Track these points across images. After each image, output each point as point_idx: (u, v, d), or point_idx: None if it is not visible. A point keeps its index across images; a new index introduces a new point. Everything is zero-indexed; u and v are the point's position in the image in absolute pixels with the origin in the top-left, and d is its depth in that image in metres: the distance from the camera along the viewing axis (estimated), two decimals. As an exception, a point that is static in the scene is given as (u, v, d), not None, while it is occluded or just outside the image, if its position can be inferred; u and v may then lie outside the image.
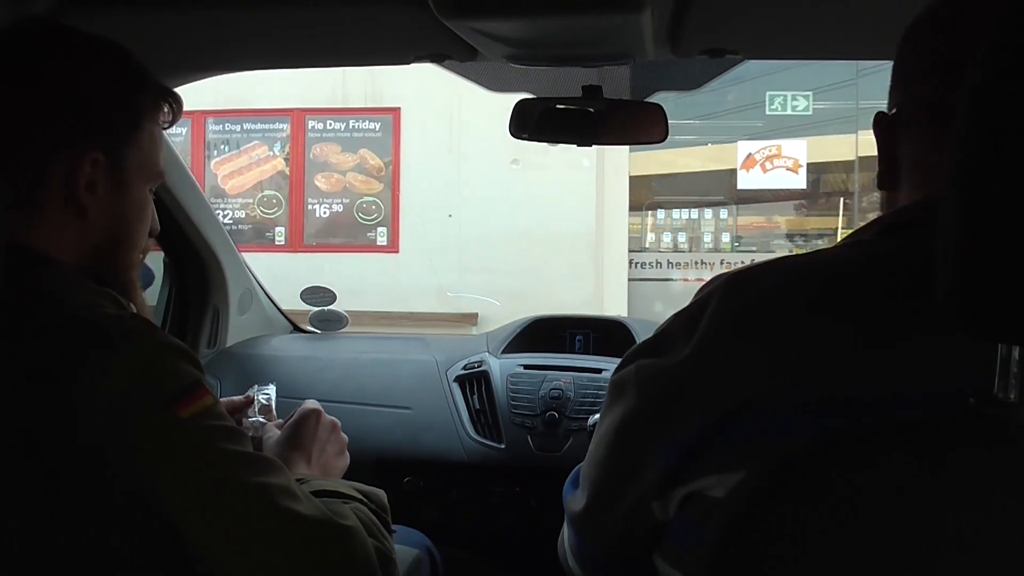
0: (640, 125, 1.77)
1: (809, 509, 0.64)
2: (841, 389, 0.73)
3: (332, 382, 2.20)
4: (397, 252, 7.74)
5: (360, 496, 1.14)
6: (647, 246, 8.29)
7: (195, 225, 2.14)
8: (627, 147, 7.28)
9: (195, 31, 1.54)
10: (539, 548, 1.96)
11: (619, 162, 7.70)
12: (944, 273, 0.61)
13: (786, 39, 1.57)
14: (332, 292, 2.66)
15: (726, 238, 8.29)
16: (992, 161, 0.58)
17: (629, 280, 7.90)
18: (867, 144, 7.34)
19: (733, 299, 0.81)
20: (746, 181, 7.95)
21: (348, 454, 1.37)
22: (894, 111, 0.90)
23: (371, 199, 7.92)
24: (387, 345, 2.50)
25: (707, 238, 8.28)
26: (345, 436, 1.38)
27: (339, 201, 8.05)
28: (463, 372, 2.15)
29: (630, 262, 8.03)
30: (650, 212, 8.39)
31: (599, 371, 2.06)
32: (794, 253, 1.01)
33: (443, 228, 7.54)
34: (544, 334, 2.32)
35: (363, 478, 1.20)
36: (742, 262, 7.33)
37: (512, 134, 1.81)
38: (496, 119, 7.51)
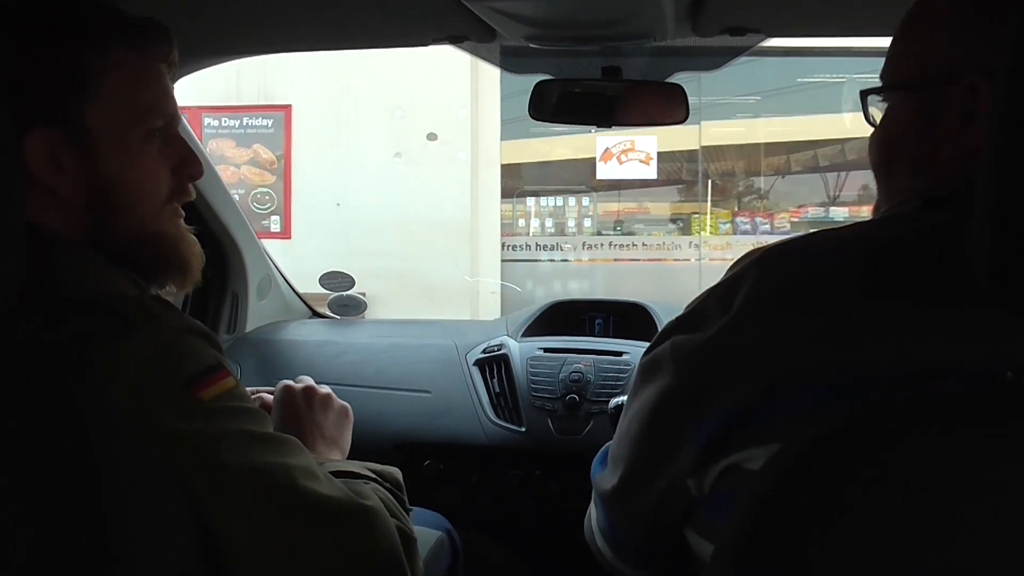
0: (660, 106, 1.76)
1: (843, 482, 0.64)
2: (879, 364, 0.72)
3: (351, 366, 2.20)
4: (289, 238, 8.20)
5: (375, 476, 1.14)
6: (517, 231, 9.12)
7: (213, 210, 2.14)
8: (498, 141, 8.33)
9: (213, 15, 1.54)
10: (559, 531, 1.96)
11: (492, 155, 8.46)
12: (982, 248, 0.60)
13: (808, 16, 1.55)
14: (351, 277, 2.66)
15: (588, 223, 9.18)
16: None
17: (502, 261, 8.59)
18: (708, 135, 8.74)
19: (771, 274, 0.81)
20: (604, 172, 8.72)
21: (345, 405, 1.36)
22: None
23: (264, 190, 8.36)
24: (406, 330, 2.50)
25: (571, 223, 9.18)
26: (341, 402, 1.35)
27: (235, 192, 8.74)
28: (483, 356, 2.14)
29: (503, 245, 8.71)
30: (521, 199, 9.29)
31: (619, 354, 2.05)
32: (820, 229, 1.00)
33: (332, 216, 8.03)
34: (564, 317, 2.32)
35: (382, 461, 1.19)
36: (602, 245, 8.89)
37: (532, 116, 1.79)
38: (379, 116, 7.67)
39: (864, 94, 0.96)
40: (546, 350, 2.11)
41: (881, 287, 0.76)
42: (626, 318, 2.28)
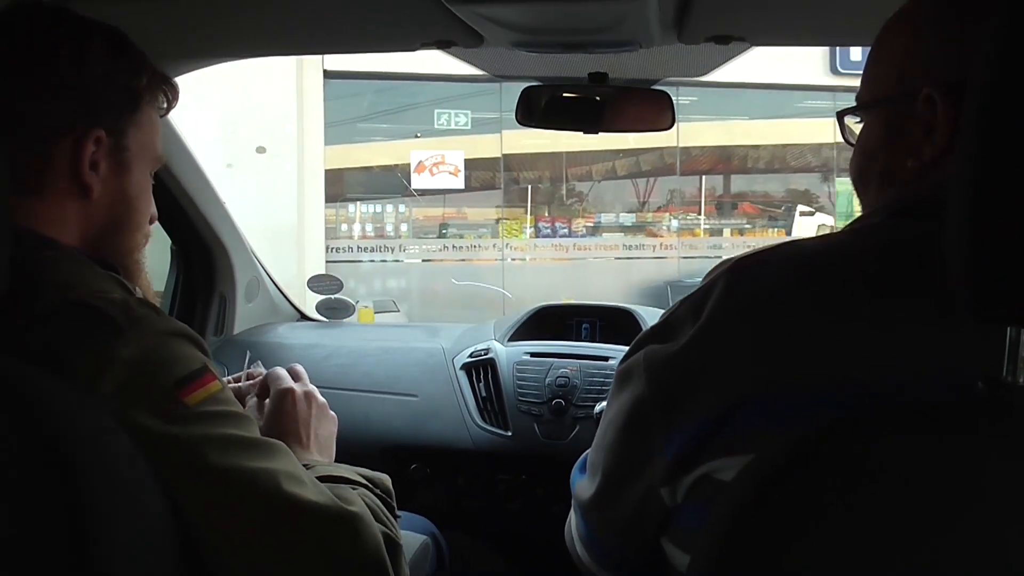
0: (647, 112, 1.77)
1: (817, 491, 0.64)
2: (848, 375, 0.73)
3: (338, 369, 2.20)
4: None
5: (365, 482, 1.14)
6: (341, 235, 10.10)
7: (201, 212, 2.14)
8: (323, 153, 9.28)
9: (201, 17, 1.54)
10: (545, 535, 1.96)
11: (316, 167, 9.35)
12: (954, 258, 0.61)
13: (792, 25, 1.56)
14: (339, 280, 2.67)
15: (404, 227, 10.35)
16: (1002, 147, 0.58)
17: (327, 263, 9.47)
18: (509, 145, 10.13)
19: (739, 285, 0.81)
20: (418, 182, 10.06)
21: (333, 414, 1.37)
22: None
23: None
24: (393, 333, 2.51)
25: (389, 227, 10.29)
26: (323, 399, 1.36)
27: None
28: (470, 360, 2.15)
29: (327, 248, 9.67)
30: (344, 204, 10.31)
31: (606, 359, 2.06)
32: (799, 238, 1.01)
33: (167, 223, 8.84)
34: (551, 322, 2.32)
35: (369, 464, 1.20)
36: (417, 247, 10.21)
37: (519, 121, 1.80)
38: (212, 130, 8.01)
39: (840, 115, 0.98)
40: (533, 354, 2.11)
41: (842, 300, 0.76)
42: (613, 323, 2.29)
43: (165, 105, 1.18)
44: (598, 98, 1.76)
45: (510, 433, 1.98)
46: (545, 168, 10.79)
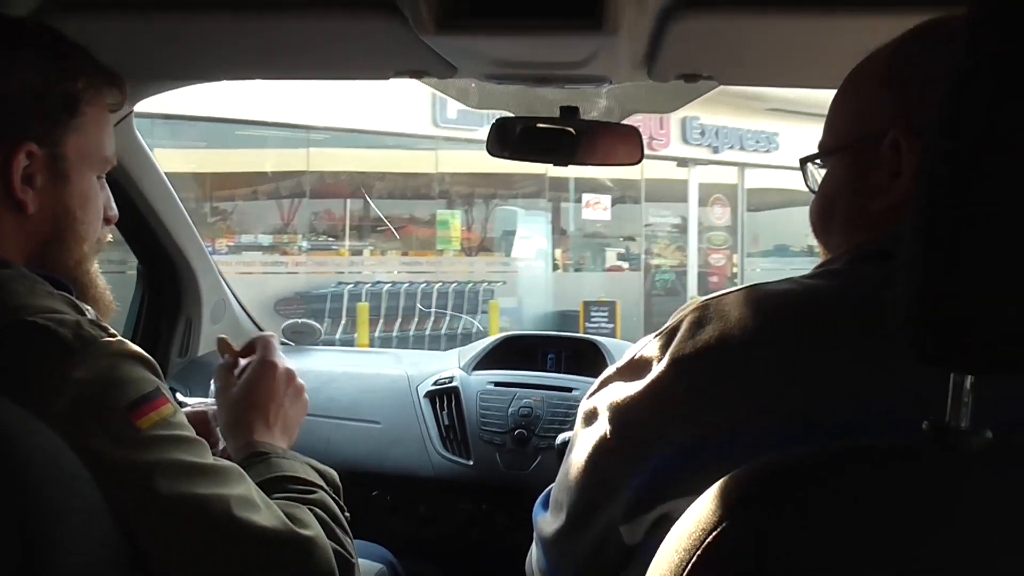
0: (616, 147, 1.78)
1: (770, 532, 0.65)
2: (805, 417, 0.74)
3: None
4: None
5: (322, 484, 1.15)
6: None
7: (169, 233, 2.13)
8: None
9: (177, 39, 1.54)
10: (505, 565, 1.96)
11: None
12: (901, 302, 0.62)
13: (760, 66, 1.59)
14: (305, 304, 2.65)
15: None
16: (950, 196, 0.59)
17: None
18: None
19: (702, 328, 0.82)
20: None
21: (306, 398, 1.34)
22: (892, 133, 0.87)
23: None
24: (358, 359, 2.50)
25: None
26: (301, 382, 1.33)
27: None
28: (433, 387, 2.14)
29: None
30: None
31: (569, 390, 2.06)
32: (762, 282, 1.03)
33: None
34: (516, 352, 2.32)
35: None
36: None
37: (490, 152, 1.81)
38: None
39: (803, 161, 1.00)
40: (497, 384, 2.12)
41: (802, 345, 0.77)
42: (578, 354, 2.30)
43: (118, 100, 1.13)
44: (570, 131, 1.77)
45: (472, 462, 1.98)
46: (190, 188, 11.14)
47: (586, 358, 2.25)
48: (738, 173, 14.75)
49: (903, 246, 0.63)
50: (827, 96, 0.99)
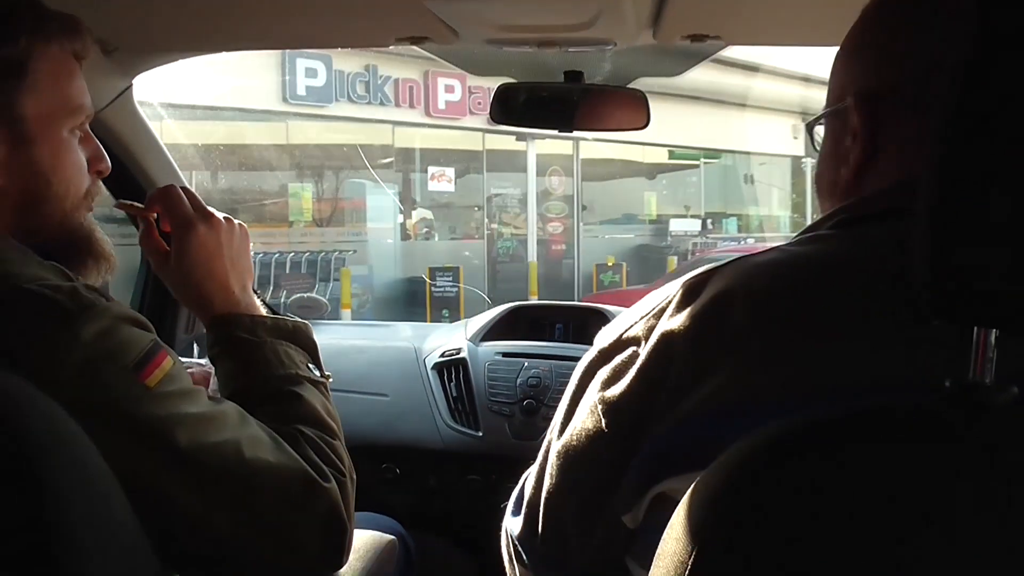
0: (621, 111, 1.76)
1: (768, 504, 0.63)
2: (804, 388, 0.72)
3: None
4: None
5: (316, 376, 1.20)
6: None
7: None
8: None
9: (175, 10, 1.52)
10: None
11: None
12: (920, 259, 0.60)
13: (768, 24, 1.56)
14: (311, 278, 2.64)
15: None
16: (970, 147, 0.58)
17: None
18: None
19: (691, 306, 0.80)
20: None
21: (239, 225, 1.26)
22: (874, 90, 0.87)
23: None
24: (365, 332, 2.50)
25: None
26: (223, 215, 1.24)
27: None
28: (441, 359, 2.14)
29: None
30: None
31: (578, 359, 2.03)
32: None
33: None
34: (523, 322, 2.31)
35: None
36: None
37: (493, 119, 1.79)
38: None
39: (808, 125, 0.98)
40: (505, 354, 2.11)
41: (791, 312, 0.76)
42: (585, 323, 2.28)
43: (79, 45, 1.06)
44: (574, 97, 1.75)
45: (481, 433, 1.97)
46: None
47: (594, 326, 2.23)
48: (573, 146, 15.52)
49: (919, 201, 0.61)
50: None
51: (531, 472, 1.01)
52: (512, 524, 1.01)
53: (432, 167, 14.02)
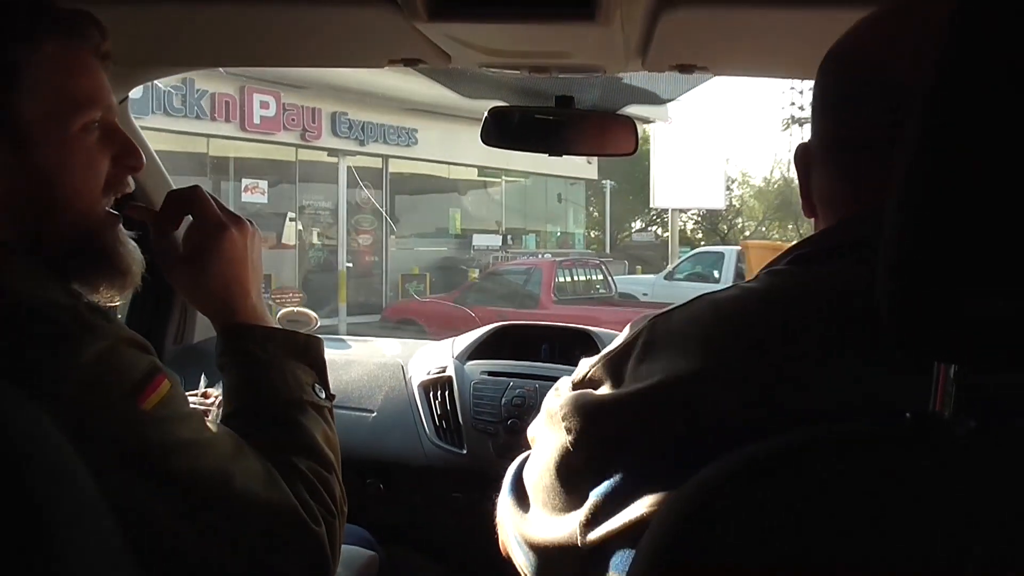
0: (610, 137, 1.79)
1: (734, 532, 0.64)
2: (763, 415, 0.73)
3: None
4: None
5: (321, 399, 1.18)
6: None
7: None
8: None
9: (172, 25, 1.54)
10: (497, 555, 1.96)
11: None
12: (884, 294, 0.62)
13: (755, 57, 1.59)
14: (301, 292, 2.65)
15: None
16: (934, 178, 0.59)
17: None
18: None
19: (651, 354, 0.81)
20: None
21: (254, 230, 1.23)
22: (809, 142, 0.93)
23: None
24: (353, 347, 2.50)
25: None
26: (248, 222, 1.22)
27: None
28: (427, 377, 2.15)
29: None
30: None
31: (563, 379, 2.06)
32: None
33: None
34: (510, 342, 2.32)
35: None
36: None
37: (484, 141, 1.81)
38: None
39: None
40: (491, 374, 2.12)
41: (751, 346, 0.77)
42: (571, 344, 2.30)
43: (91, 42, 1.03)
44: (562, 121, 1.78)
45: (465, 451, 1.98)
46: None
47: (579, 347, 2.24)
48: (383, 161, 16.40)
49: (884, 235, 0.62)
50: (459, 100, 1.00)
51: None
52: (519, 518, 1.01)
53: (246, 179, 14.33)
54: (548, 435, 0.90)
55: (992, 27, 0.56)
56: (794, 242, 0.89)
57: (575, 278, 13.26)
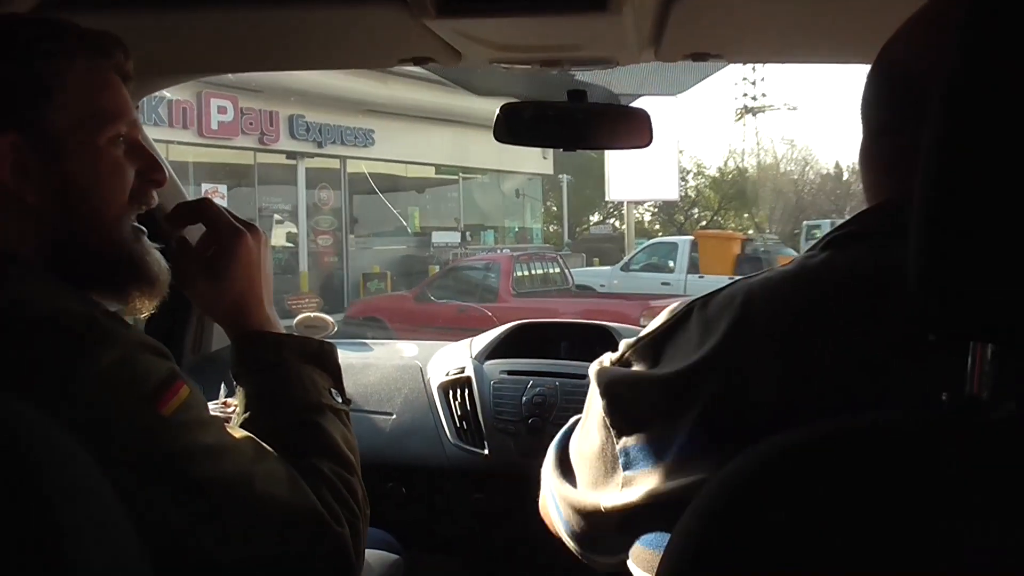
0: (625, 130, 1.77)
1: (772, 516, 0.63)
2: (796, 398, 0.73)
3: None
4: None
5: (338, 403, 1.18)
6: None
7: None
8: None
9: (181, 33, 1.54)
10: (521, 555, 1.95)
11: None
12: (916, 274, 0.61)
13: (768, 42, 1.57)
14: (317, 297, 2.65)
15: None
16: (963, 159, 0.58)
17: None
18: None
19: (694, 322, 0.82)
20: None
21: (265, 236, 1.25)
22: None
23: None
24: (372, 350, 2.50)
25: None
26: (258, 228, 1.23)
27: None
28: (446, 378, 2.14)
29: None
30: None
31: (582, 376, 2.03)
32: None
33: None
34: (529, 340, 2.31)
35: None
36: None
37: (497, 138, 1.80)
38: None
39: None
40: (510, 373, 2.10)
41: (792, 329, 0.77)
42: (591, 341, 2.28)
43: (116, 62, 1.06)
44: (575, 115, 1.76)
45: (486, 452, 1.97)
46: None
47: (599, 344, 2.23)
48: (341, 162, 16.71)
49: (914, 215, 0.61)
50: (416, 99, 0.99)
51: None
52: (563, 485, 1.02)
53: (205, 184, 14.49)
54: (589, 405, 0.93)
55: None
56: (747, 231, 0.88)
57: (532, 272, 13.46)
